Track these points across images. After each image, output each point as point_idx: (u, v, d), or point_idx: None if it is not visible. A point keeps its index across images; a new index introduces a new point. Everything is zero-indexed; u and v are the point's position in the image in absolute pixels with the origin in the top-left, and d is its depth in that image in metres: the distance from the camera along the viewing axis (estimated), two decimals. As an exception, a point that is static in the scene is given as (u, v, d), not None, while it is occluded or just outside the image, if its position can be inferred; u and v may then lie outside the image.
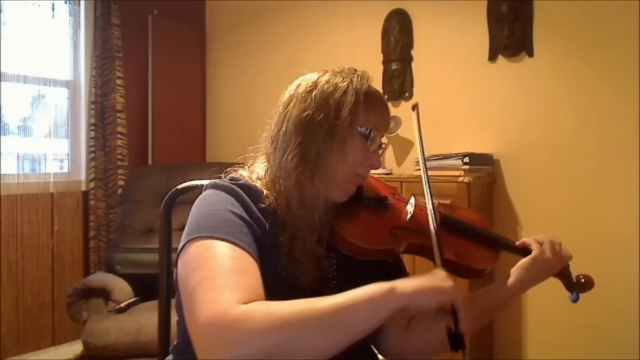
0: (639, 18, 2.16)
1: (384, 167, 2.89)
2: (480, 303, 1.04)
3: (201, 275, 0.76)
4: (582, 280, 1.12)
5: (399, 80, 2.89)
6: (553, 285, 2.48)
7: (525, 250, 1.08)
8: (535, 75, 2.46)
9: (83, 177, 3.23)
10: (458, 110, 2.71)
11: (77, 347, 2.97)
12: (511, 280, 1.04)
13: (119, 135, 3.24)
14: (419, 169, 2.50)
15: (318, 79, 0.98)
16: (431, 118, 2.78)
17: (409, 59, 2.88)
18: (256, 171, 1.01)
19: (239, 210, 0.89)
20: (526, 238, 1.09)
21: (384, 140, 1.03)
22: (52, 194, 3.07)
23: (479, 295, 1.05)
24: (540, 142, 2.46)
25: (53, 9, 3.14)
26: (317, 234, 0.95)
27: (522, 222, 2.49)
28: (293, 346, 0.67)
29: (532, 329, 2.49)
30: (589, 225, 2.28)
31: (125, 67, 3.27)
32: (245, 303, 0.71)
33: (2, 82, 2.86)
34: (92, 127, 3.18)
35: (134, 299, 2.60)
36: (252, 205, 0.92)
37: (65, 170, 3.24)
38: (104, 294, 2.60)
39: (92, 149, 3.18)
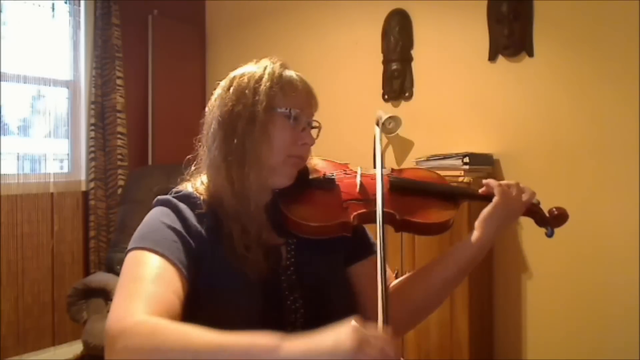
0: (639, 18, 2.16)
1: (384, 167, 2.88)
2: (451, 262, 1.03)
3: (121, 283, 0.82)
4: (555, 212, 1.07)
5: (399, 80, 2.89)
6: (553, 285, 2.49)
7: (487, 197, 1.06)
8: (535, 75, 2.46)
9: (83, 177, 3.23)
10: (458, 110, 2.71)
11: (77, 347, 2.97)
12: (476, 233, 1.02)
13: (119, 135, 3.23)
14: (419, 169, 2.51)
15: (234, 75, 1.01)
16: (431, 118, 2.79)
17: (409, 59, 2.88)
18: (200, 179, 1.03)
19: (173, 221, 0.92)
20: (487, 180, 1.07)
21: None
22: (52, 194, 3.07)
23: (448, 254, 1.04)
24: (540, 142, 2.46)
25: (53, 9, 3.14)
26: (260, 223, 0.96)
27: (522, 222, 2.50)
28: None
29: (532, 329, 2.49)
30: (589, 225, 2.28)
31: (125, 67, 3.27)
32: (149, 313, 0.74)
33: (2, 82, 2.86)
34: (92, 127, 3.18)
35: (134, 299, 2.60)
36: (189, 213, 0.94)
37: (65, 170, 3.24)
38: (104, 294, 2.60)
39: (92, 149, 3.18)
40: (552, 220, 1.08)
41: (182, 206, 0.95)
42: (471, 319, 2.33)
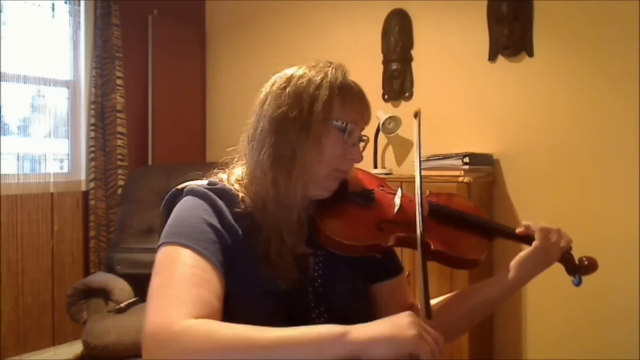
0: (639, 18, 2.16)
1: (384, 167, 2.89)
2: (479, 297, 1.02)
3: (159, 282, 0.78)
4: (585, 262, 1.06)
5: (399, 80, 2.89)
6: (553, 286, 2.48)
7: (525, 238, 1.04)
8: (535, 75, 2.46)
9: (83, 177, 3.23)
10: (458, 110, 2.71)
11: (77, 347, 2.97)
12: (511, 274, 1.00)
13: (119, 135, 3.24)
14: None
15: (292, 74, 0.96)
16: (431, 118, 2.78)
17: (409, 59, 2.88)
18: (235, 173, 0.99)
19: (211, 217, 0.88)
20: (527, 222, 1.05)
21: (365, 133, 1.00)
22: (52, 194, 3.07)
23: (478, 289, 1.03)
24: (540, 142, 2.46)
25: (53, 9, 3.14)
26: (297, 233, 0.93)
27: (522, 222, 2.49)
28: None
29: (532, 329, 2.49)
30: (589, 225, 2.28)
31: (125, 67, 3.27)
32: (194, 316, 0.72)
33: (2, 82, 2.86)
34: (92, 127, 3.18)
35: (134, 299, 2.60)
36: (226, 210, 0.90)
37: (65, 170, 3.24)
38: (104, 294, 2.60)
39: (92, 149, 3.18)
40: (582, 269, 1.06)
41: (219, 201, 0.91)
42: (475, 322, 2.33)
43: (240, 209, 0.91)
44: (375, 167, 2.86)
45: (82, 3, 3.22)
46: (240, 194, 0.93)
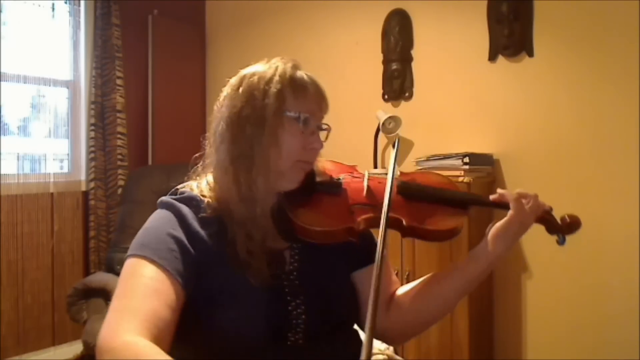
0: (639, 18, 2.16)
1: (384, 167, 2.89)
2: (460, 274, 1.02)
3: (117, 293, 0.83)
4: (568, 220, 1.05)
5: (399, 80, 2.89)
6: (553, 286, 2.48)
7: (500, 204, 1.03)
8: (535, 75, 2.46)
9: (83, 177, 3.23)
10: (458, 110, 2.71)
11: (77, 347, 2.97)
12: (491, 247, 0.99)
13: (119, 135, 3.23)
14: (420, 169, 2.52)
15: (244, 74, 0.99)
16: (431, 118, 2.79)
17: (409, 59, 2.88)
18: (205, 179, 1.01)
19: (175, 228, 0.91)
20: (502, 190, 1.04)
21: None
22: (52, 194, 3.07)
23: (458, 267, 1.02)
24: (540, 142, 2.46)
25: (53, 9, 3.14)
26: (264, 227, 0.94)
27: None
28: None
29: (532, 329, 2.49)
30: (589, 225, 2.25)
31: (125, 67, 3.27)
32: (139, 330, 0.75)
33: (2, 82, 2.86)
34: (92, 127, 3.18)
35: (134, 299, 2.60)
36: (192, 218, 0.93)
37: (65, 170, 3.24)
38: (104, 294, 2.59)
39: (92, 149, 3.18)
40: (564, 228, 1.05)
41: (185, 210, 0.94)
42: (471, 319, 2.33)
43: (207, 213, 0.94)
44: (375, 167, 2.86)
45: (82, 3, 3.22)
46: (207, 199, 0.95)
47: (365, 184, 1.05)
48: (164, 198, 0.98)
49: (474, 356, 2.34)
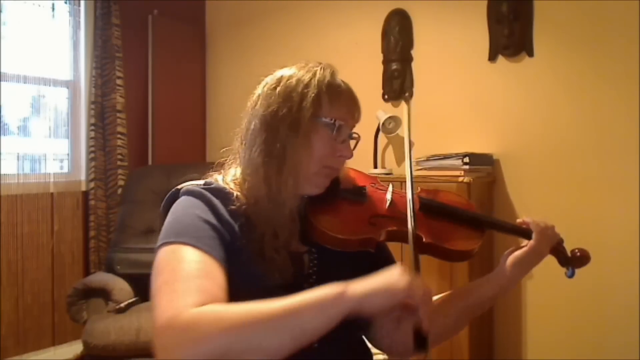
0: (639, 18, 2.16)
1: (384, 167, 2.89)
2: (476, 295, 1.04)
3: (163, 279, 0.79)
4: (578, 254, 1.09)
5: (399, 80, 2.89)
6: (553, 286, 2.48)
7: (522, 231, 1.07)
8: (535, 75, 2.46)
9: (83, 177, 3.23)
10: (458, 110, 2.71)
11: (77, 347, 2.97)
12: (508, 272, 1.03)
13: (119, 135, 3.23)
14: (420, 169, 2.51)
15: (282, 75, 0.99)
16: (431, 118, 2.79)
17: (409, 59, 2.88)
18: (230, 173, 1.02)
19: (207, 215, 0.90)
20: (527, 218, 1.07)
21: (359, 132, 1.03)
22: (52, 194, 3.07)
23: (475, 287, 1.05)
24: (540, 142, 2.46)
25: (53, 9, 3.14)
26: (290, 228, 0.95)
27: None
28: (242, 347, 0.68)
29: (532, 329, 2.49)
30: (589, 225, 2.28)
31: (125, 67, 3.27)
32: (199, 305, 0.72)
33: (2, 82, 2.86)
34: (92, 127, 3.18)
35: (133, 299, 2.60)
36: (222, 208, 0.92)
37: (65, 170, 3.24)
38: (104, 294, 2.60)
39: (92, 149, 3.18)
40: (574, 261, 1.09)
41: (215, 200, 0.93)
42: (471, 319, 2.33)
43: (235, 206, 0.94)
44: (375, 167, 2.86)
45: (82, 3, 3.22)
46: (235, 192, 0.95)
47: (388, 196, 1.05)
48: (190, 187, 0.96)
49: (474, 356, 2.34)
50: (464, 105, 2.69)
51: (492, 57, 2.58)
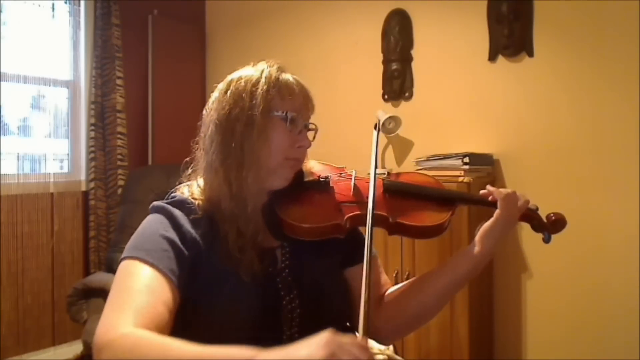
0: (639, 18, 2.16)
1: (384, 167, 2.89)
2: (450, 273, 1.05)
3: (112, 294, 0.84)
4: (553, 217, 1.08)
5: (399, 80, 2.89)
6: (553, 285, 2.48)
7: (485, 202, 1.07)
8: (535, 75, 2.46)
9: (83, 177, 3.23)
10: (458, 110, 2.71)
11: (77, 347, 2.97)
12: (477, 247, 1.03)
13: (119, 135, 3.23)
14: (420, 169, 2.51)
15: (231, 79, 1.02)
16: (431, 118, 2.79)
17: (409, 59, 2.88)
18: (196, 182, 1.03)
19: (167, 229, 0.93)
20: (491, 188, 1.08)
21: (311, 121, 1.05)
22: (52, 194, 3.07)
23: (448, 265, 1.06)
24: (540, 142, 2.46)
25: (53, 9, 3.14)
26: (254, 225, 0.97)
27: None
28: None
29: (532, 329, 2.49)
30: (589, 225, 2.28)
31: (125, 67, 3.27)
32: (137, 323, 0.77)
33: (2, 82, 2.86)
34: (92, 127, 3.18)
35: (134, 299, 2.60)
36: (183, 219, 0.95)
37: (65, 170, 3.24)
38: (104, 294, 2.59)
39: (92, 149, 3.18)
40: (549, 226, 1.07)
41: (177, 212, 0.96)
42: (471, 319, 2.33)
43: (198, 215, 0.96)
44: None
45: (82, 3, 3.22)
46: (198, 201, 0.98)
47: (352, 183, 1.08)
48: (155, 203, 1.00)
49: (474, 356, 2.34)
50: (464, 105, 2.69)
51: (492, 57, 2.58)
